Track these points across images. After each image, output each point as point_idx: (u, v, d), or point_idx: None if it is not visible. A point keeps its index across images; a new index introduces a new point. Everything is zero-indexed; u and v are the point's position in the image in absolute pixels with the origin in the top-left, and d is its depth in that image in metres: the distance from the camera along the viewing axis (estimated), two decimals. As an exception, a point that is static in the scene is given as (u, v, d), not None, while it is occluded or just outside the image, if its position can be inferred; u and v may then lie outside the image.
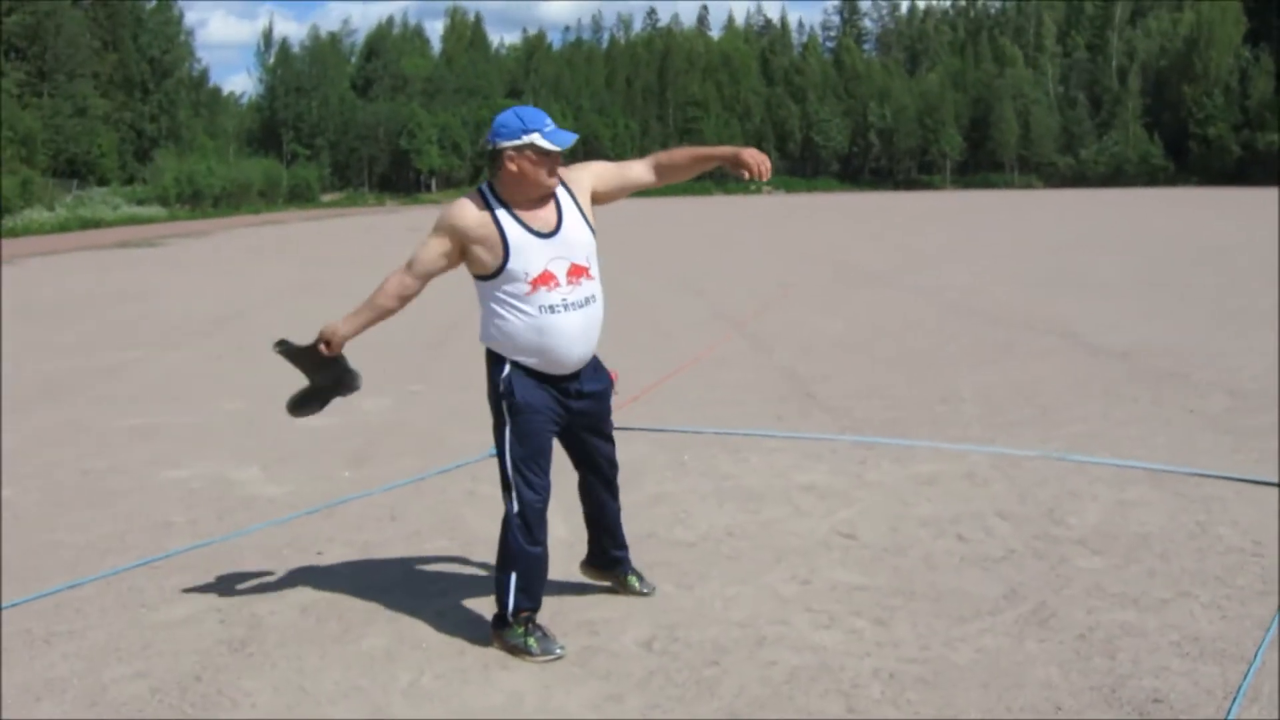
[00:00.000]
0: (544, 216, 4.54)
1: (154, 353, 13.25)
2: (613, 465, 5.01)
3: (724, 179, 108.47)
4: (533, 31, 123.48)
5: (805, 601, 5.03)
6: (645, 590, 5.17)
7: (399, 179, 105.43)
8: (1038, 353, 11.77)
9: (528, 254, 4.47)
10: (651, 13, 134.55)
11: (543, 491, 4.60)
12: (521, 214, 4.51)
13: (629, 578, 5.18)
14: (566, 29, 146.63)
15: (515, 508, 4.56)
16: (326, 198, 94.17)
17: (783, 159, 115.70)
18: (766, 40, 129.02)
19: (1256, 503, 6.32)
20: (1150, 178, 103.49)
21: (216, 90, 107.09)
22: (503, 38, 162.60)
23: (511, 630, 4.59)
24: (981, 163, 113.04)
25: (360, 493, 6.98)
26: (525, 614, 4.60)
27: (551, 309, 4.49)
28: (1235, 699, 3.96)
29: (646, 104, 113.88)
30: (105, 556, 5.87)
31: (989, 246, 29.82)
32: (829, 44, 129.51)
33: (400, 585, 5.35)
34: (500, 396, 4.58)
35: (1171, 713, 3.91)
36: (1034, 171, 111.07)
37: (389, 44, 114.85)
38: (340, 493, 7.00)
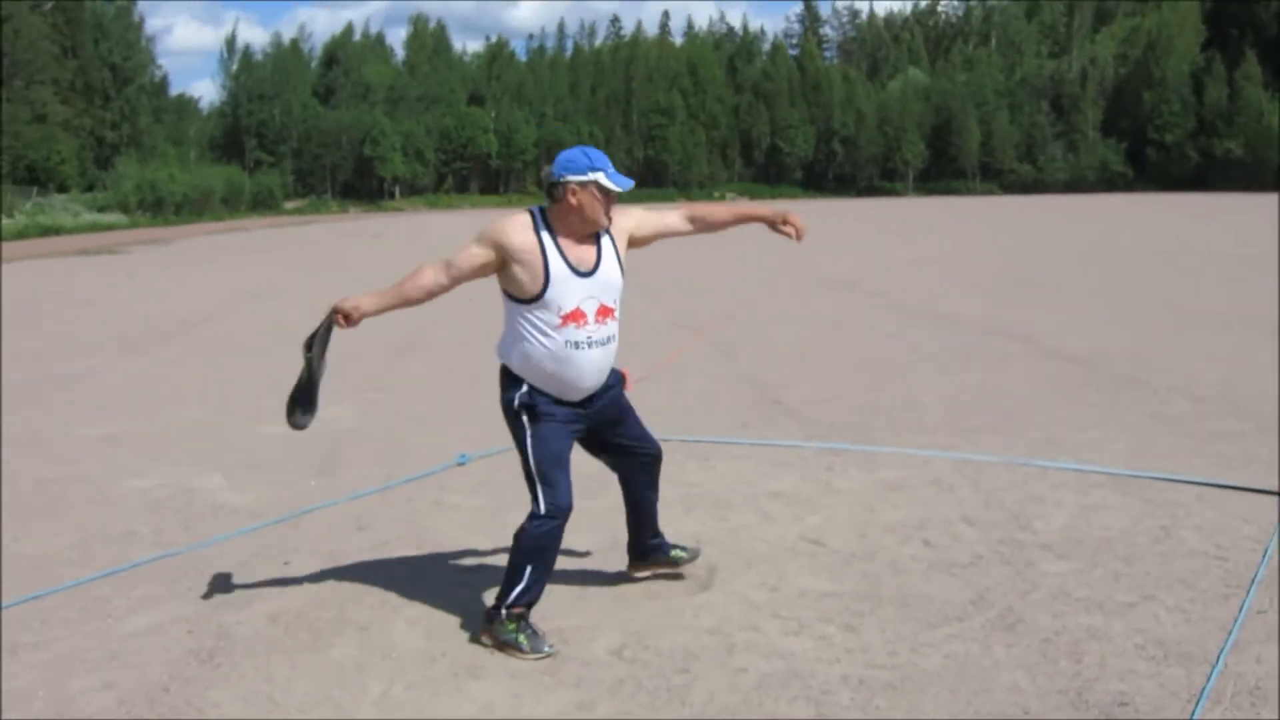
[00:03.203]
0: (585, 254, 4.65)
1: (114, 360, 13.14)
2: (647, 450, 5.12)
3: (687, 185, 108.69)
4: (495, 38, 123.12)
5: (774, 608, 5.04)
6: (692, 554, 5.44)
7: (362, 186, 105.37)
8: (999, 358, 11.84)
9: (565, 288, 4.58)
10: (615, 20, 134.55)
11: (566, 495, 4.66)
12: (566, 247, 4.61)
13: (673, 553, 5.38)
14: (530, 36, 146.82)
15: (542, 508, 4.62)
16: (289, 205, 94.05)
17: (747, 166, 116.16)
18: (732, 47, 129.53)
19: (1217, 506, 6.37)
20: (1109, 184, 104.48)
21: (181, 97, 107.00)
22: (466, 44, 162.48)
23: (503, 625, 4.65)
24: (943, 170, 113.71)
25: (326, 502, 6.94)
26: (520, 610, 4.66)
27: (576, 345, 4.60)
28: (1199, 701, 3.99)
29: (611, 112, 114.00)
30: (67, 568, 5.81)
31: (950, 253, 29.96)
32: (791, 51, 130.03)
33: (369, 594, 5.32)
34: (516, 411, 4.68)
35: (1136, 715, 3.94)
36: (995, 178, 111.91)
37: (348, 51, 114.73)
38: (305, 501, 6.96)
